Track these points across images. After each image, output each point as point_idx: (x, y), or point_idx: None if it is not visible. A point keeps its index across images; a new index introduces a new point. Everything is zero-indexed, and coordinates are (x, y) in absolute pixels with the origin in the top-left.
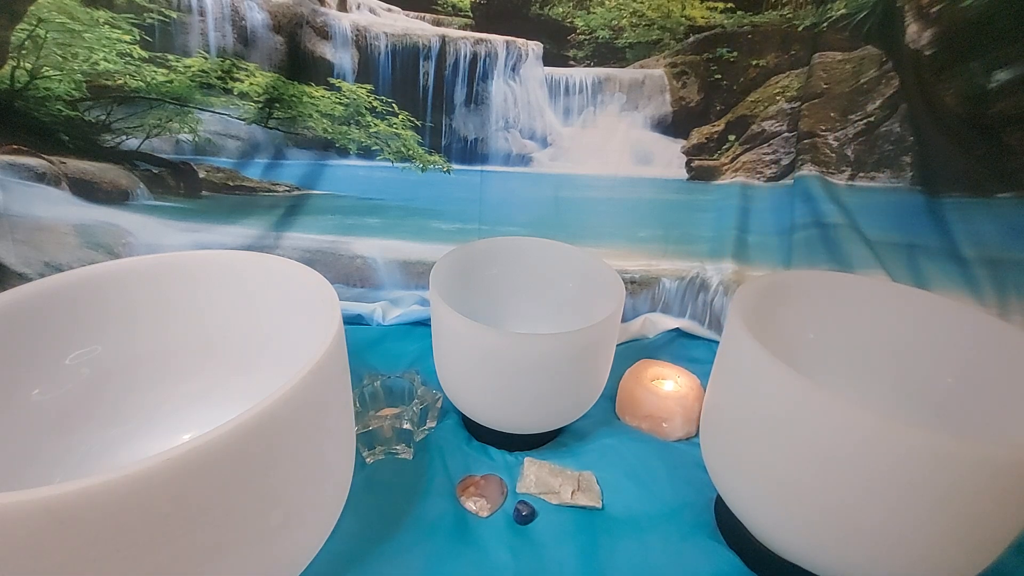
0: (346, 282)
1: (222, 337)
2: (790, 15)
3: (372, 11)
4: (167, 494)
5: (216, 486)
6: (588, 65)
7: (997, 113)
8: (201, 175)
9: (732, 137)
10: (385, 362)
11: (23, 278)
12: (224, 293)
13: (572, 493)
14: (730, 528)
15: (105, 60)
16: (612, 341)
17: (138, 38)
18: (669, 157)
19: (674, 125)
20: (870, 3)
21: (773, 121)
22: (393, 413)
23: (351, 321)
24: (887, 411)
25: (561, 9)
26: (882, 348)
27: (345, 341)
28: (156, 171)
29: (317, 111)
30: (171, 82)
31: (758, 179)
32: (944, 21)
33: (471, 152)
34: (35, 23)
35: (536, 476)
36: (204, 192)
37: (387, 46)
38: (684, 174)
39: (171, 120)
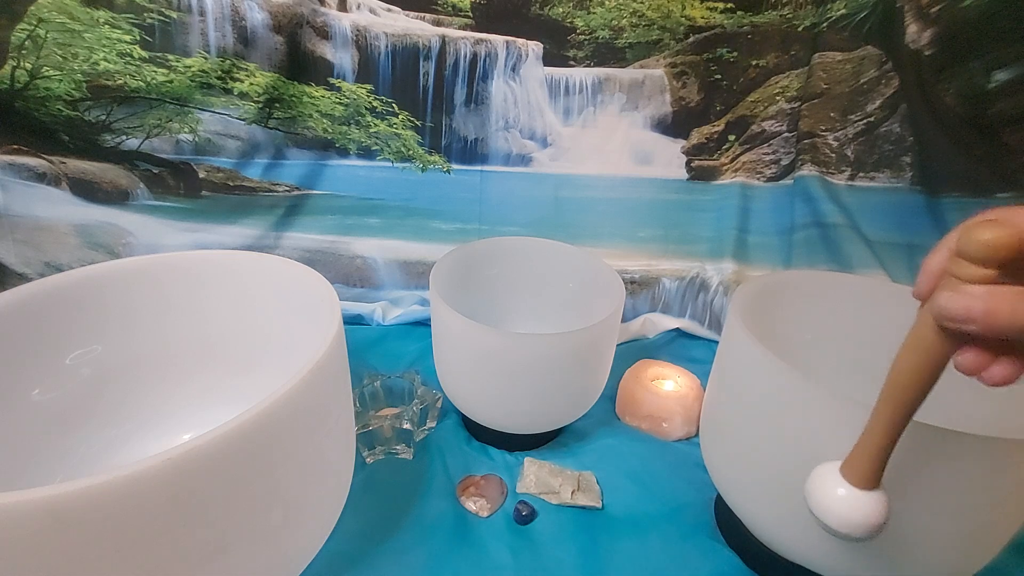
0: (346, 282)
1: (222, 337)
2: (790, 15)
3: (372, 11)
4: (167, 494)
5: (216, 486)
6: (588, 65)
7: (997, 113)
8: (201, 175)
9: (732, 137)
10: (385, 362)
11: (23, 278)
12: (224, 293)
13: (572, 493)
14: (730, 528)
15: (105, 60)
16: (612, 341)
17: (138, 38)
18: (669, 157)
19: (674, 125)
20: (870, 3)
21: (773, 121)
22: (393, 413)
23: (351, 321)
24: None
25: (561, 9)
26: (882, 348)
27: (345, 341)
28: (156, 171)
29: (317, 111)
30: (171, 82)
31: (758, 179)
32: (944, 21)
33: (471, 152)
34: (35, 23)
35: (536, 476)
36: (204, 192)
37: (387, 46)
38: (684, 174)
39: (171, 120)
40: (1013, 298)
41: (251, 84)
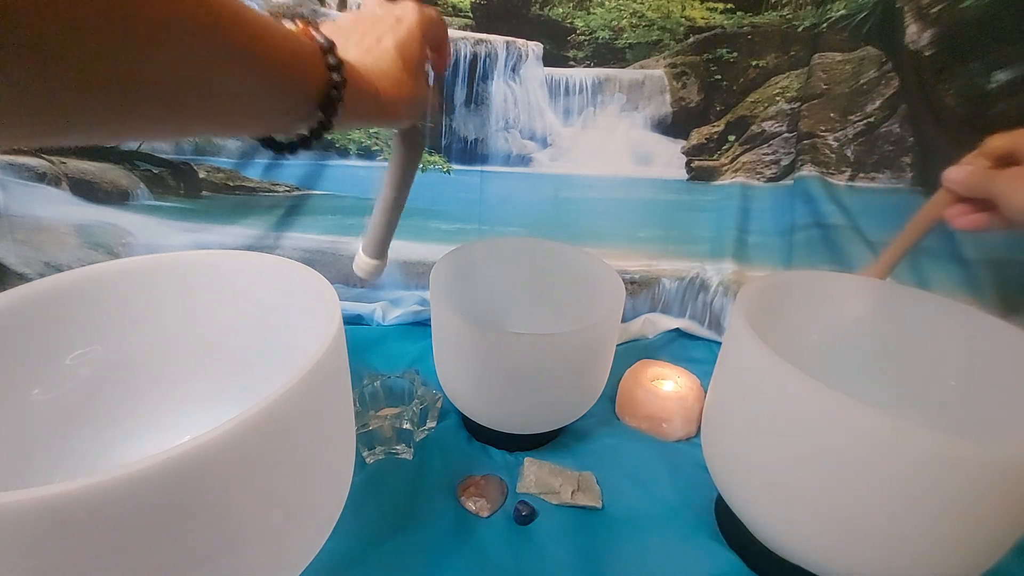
0: (346, 282)
1: (221, 337)
2: (790, 16)
3: None
4: (167, 494)
5: (216, 486)
6: (588, 65)
7: (997, 113)
8: (201, 175)
9: (732, 137)
10: (385, 362)
11: (23, 278)
12: (224, 293)
13: (572, 493)
14: (731, 528)
15: None
16: (612, 341)
17: None
18: (669, 157)
19: (674, 125)
20: (870, 3)
21: (773, 121)
22: (393, 413)
23: (351, 321)
24: (888, 412)
25: (561, 9)
26: (883, 349)
27: (345, 341)
28: (156, 171)
29: None
30: None
31: (758, 179)
32: (944, 21)
33: (471, 152)
34: None
35: (536, 476)
36: (204, 192)
37: None
38: (684, 174)
39: None
40: (976, 173)
41: None
